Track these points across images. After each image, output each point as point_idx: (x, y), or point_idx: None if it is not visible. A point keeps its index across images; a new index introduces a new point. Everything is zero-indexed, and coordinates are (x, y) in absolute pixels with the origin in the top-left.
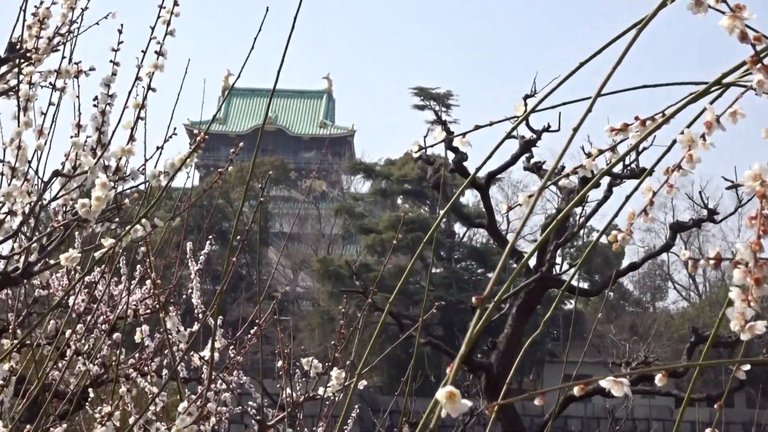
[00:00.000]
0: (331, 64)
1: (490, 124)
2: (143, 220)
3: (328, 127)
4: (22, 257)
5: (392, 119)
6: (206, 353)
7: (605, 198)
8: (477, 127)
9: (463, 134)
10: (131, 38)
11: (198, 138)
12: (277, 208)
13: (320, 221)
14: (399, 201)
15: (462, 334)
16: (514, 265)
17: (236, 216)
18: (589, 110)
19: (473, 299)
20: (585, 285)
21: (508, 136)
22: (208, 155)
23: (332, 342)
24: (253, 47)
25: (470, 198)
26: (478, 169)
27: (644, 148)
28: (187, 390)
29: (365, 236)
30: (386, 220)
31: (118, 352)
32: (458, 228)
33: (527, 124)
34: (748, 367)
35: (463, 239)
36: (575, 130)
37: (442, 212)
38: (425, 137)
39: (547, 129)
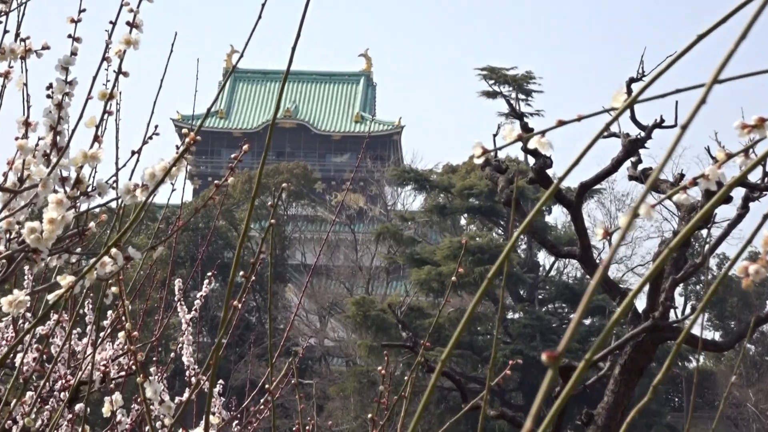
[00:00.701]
0: (370, 39)
1: (579, 119)
2: (114, 251)
3: (366, 122)
4: None
5: (453, 110)
6: (200, 431)
7: (739, 217)
8: (561, 123)
9: (543, 132)
10: (98, 6)
11: (188, 138)
12: (297, 231)
13: (356, 249)
14: (463, 221)
15: (550, 403)
16: (617, 309)
17: (239, 242)
18: (703, 101)
19: (543, 356)
20: (715, 335)
21: (604, 132)
22: (204, 161)
23: (370, 415)
24: (261, 15)
25: (560, 218)
26: (561, 179)
27: None
28: None
29: (417, 269)
30: (445, 248)
31: (81, 429)
32: (543, 258)
33: (633, 118)
34: None
35: (550, 274)
36: (684, 127)
37: (515, 234)
38: (495, 135)
39: (659, 124)
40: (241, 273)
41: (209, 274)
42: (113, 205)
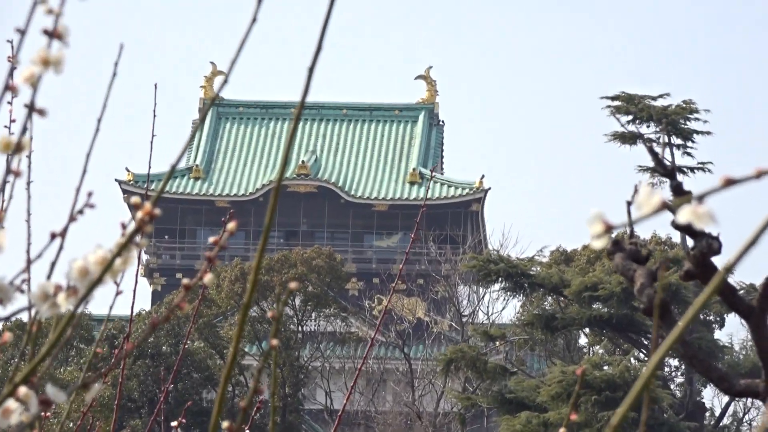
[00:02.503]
0: (434, 53)
1: (758, 176)
2: (24, 390)
3: (428, 183)
4: None
5: (566, 165)
6: None
7: None
8: (729, 183)
9: (700, 197)
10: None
11: (141, 211)
12: (319, 355)
13: (413, 385)
14: (583, 341)
15: None
16: None
17: (225, 375)
18: None
19: None
20: None
21: None
22: (170, 246)
23: None
24: (256, 16)
25: (738, 332)
26: (730, 268)
27: None
28: None
29: (509, 417)
30: (555, 382)
31: None
32: (711, 398)
33: None
34: None
35: (722, 422)
36: None
37: (656, 355)
38: (629, 204)
39: None
40: (225, 426)
41: (175, 424)
42: (23, 317)
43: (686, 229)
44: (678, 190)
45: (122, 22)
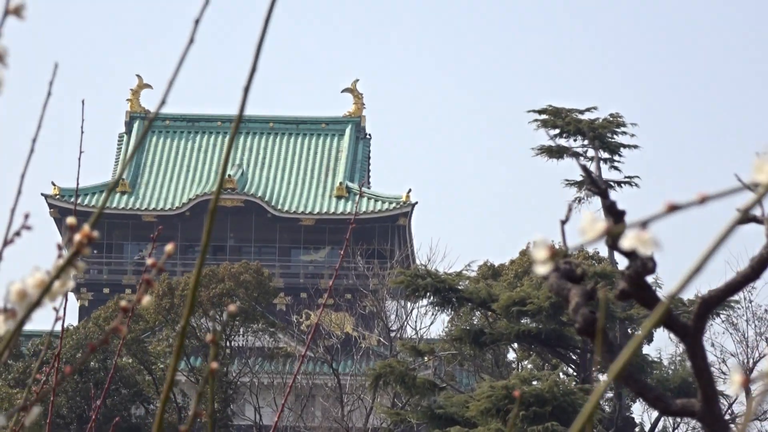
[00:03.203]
0: (361, 66)
1: (702, 201)
2: None
3: (355, 197)
4: None
5: (494, 179)
6: None
7: None
8: (673, 209)
9: (644, 223)
10: None
11: (79, 234)
12: (248, 371)
13: (342, 401)
14: (511, 355)
15: None
16: None
17: (164, 395)
18: None
19: None
20: None
21: (740, 221)
22: (97, 261)
23: None
24: (194, 37)
25: (666, 347)
26: (674, 295)
27: None
28: None
29: None
30: (484, 398)
31: None
32: (641, 413)
33: None
34: None
35: None
36: None
37: (601, 385)
38: (563, 222)
39: None
40: None
41: None
42: None
43: (623, 251)
44: (611, 209)
45: (41, 32)
